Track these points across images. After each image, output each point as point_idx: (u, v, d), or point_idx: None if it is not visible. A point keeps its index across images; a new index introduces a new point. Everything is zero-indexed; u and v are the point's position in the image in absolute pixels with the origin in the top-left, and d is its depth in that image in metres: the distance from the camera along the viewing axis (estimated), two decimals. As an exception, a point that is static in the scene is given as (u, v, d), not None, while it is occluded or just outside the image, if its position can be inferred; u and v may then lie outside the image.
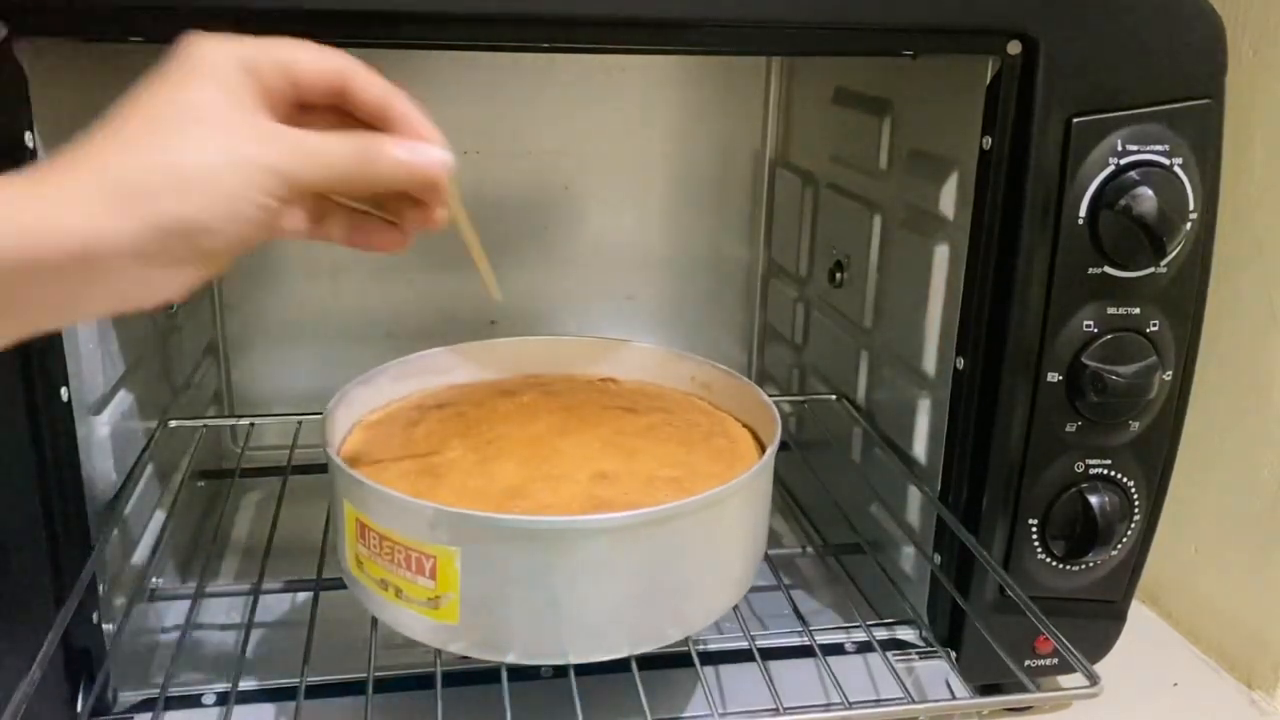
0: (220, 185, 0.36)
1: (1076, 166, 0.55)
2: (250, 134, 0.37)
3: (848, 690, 0.55)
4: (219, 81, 0.37)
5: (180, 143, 0.35)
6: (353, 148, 0.40)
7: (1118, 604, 0.64)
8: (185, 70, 0.37)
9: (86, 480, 0.54)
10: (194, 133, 0.36)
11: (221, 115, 0.36)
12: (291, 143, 0.38)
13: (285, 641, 0.63)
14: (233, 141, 0.36)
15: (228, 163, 0.36)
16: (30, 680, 0.46)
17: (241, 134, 0.37)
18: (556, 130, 0.91)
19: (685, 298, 0.98)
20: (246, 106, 0.37)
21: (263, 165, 0.36)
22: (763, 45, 0.74)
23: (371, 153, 0.40)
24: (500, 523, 0.48)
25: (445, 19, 0.50)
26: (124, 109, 0.36)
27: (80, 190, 0.34)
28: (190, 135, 0.36)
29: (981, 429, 0.60)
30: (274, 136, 0.38)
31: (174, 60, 0.37)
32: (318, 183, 0.39)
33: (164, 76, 0.37)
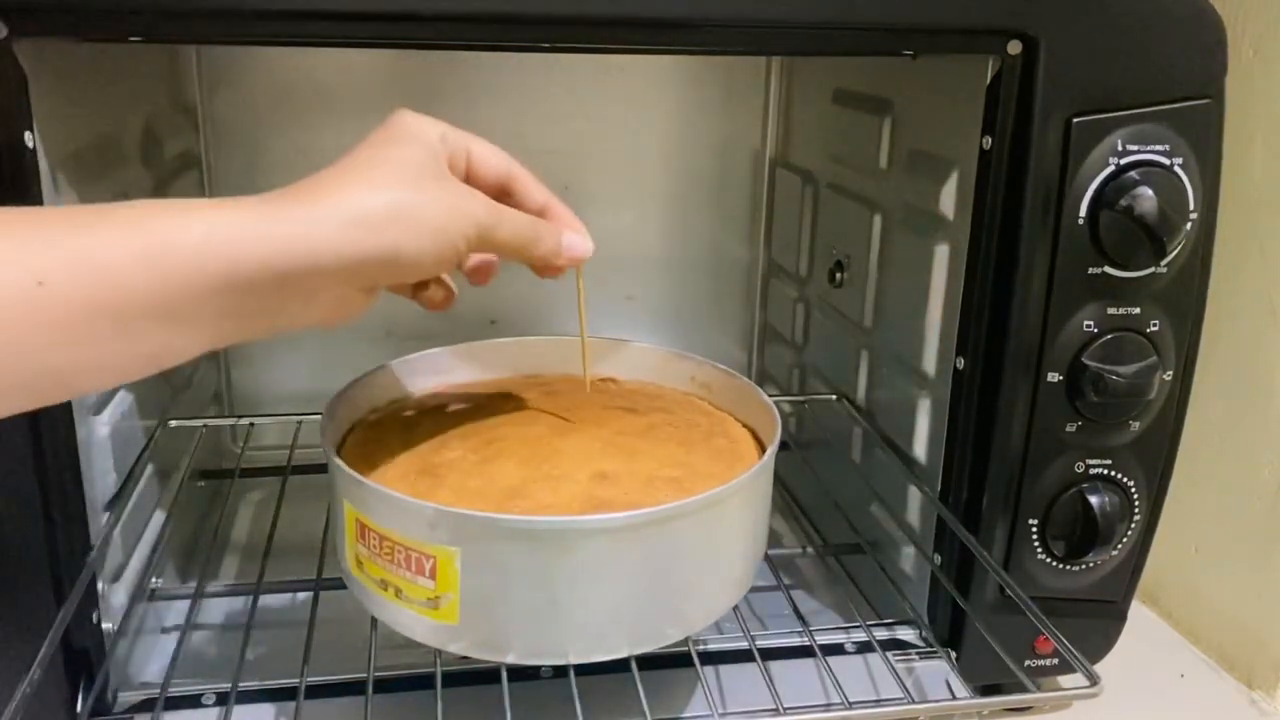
0: (438, 225, 0.43)
1: (1076, 166, 0.55)
2: (461, 190, 0.45)
3: (848, 690, 0.55)
4: (426, 146, 0.45)
5: (405, 188, 0.42)
6: (531, 223, 0.49)
7: (1118, 604, 0.64)
8: (398, 134, 0.45)
9: (86, 480, 0.54)
10: (417, 181, 0.43)
11: (434, 171, 0.44)
12: (490, 204, 0.46)
13: (285, 641, 0.63)
14: (449, 193, 0.44)
15: (446, 209, 0.43)
16: (30, 680, 0.46)
17: (454, 189, 0.45)
18: (556, 130, 0.91)
19: (685, 298, 0.98)
20: (445, 169, 0.45)
21: (471, 216, 0.44)
22: (763, 45, 0.74)
23: (544, 231, 0.49)
24: (500, 523, 0.47)
25: (445, 19, 0.50)
26: (349, 158, 0.43)
27: (321, 217, 0.40)
28: (413, 183, 0.43)
29: (981, 429, 0.60)
30: (477, 195, 0.46)
31: (387, 127, 0.45)
32: (499, 243, 0.47)
33: (381, 139, 0.44)
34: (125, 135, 0.68)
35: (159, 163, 0.74)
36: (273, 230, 0.39)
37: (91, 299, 0.36)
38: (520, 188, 0.50)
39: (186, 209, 0.39)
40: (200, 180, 0.86)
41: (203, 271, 0.38)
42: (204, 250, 0.38)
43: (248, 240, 0.39)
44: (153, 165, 0.73)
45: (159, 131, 0.75)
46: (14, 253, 0.35)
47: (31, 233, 0.36)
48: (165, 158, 0.76)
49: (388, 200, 0.42)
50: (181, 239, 0.38)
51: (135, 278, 0.37)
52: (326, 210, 0.41)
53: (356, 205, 0.41)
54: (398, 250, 0.42)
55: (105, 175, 0.61)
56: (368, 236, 0.41)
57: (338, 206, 0.41)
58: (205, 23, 0.49)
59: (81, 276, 0.36)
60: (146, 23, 0.49)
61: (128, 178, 0.67)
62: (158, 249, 0.37)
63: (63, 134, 0.53)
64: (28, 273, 0.35)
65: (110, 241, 0.37)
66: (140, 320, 0.38)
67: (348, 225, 0.41)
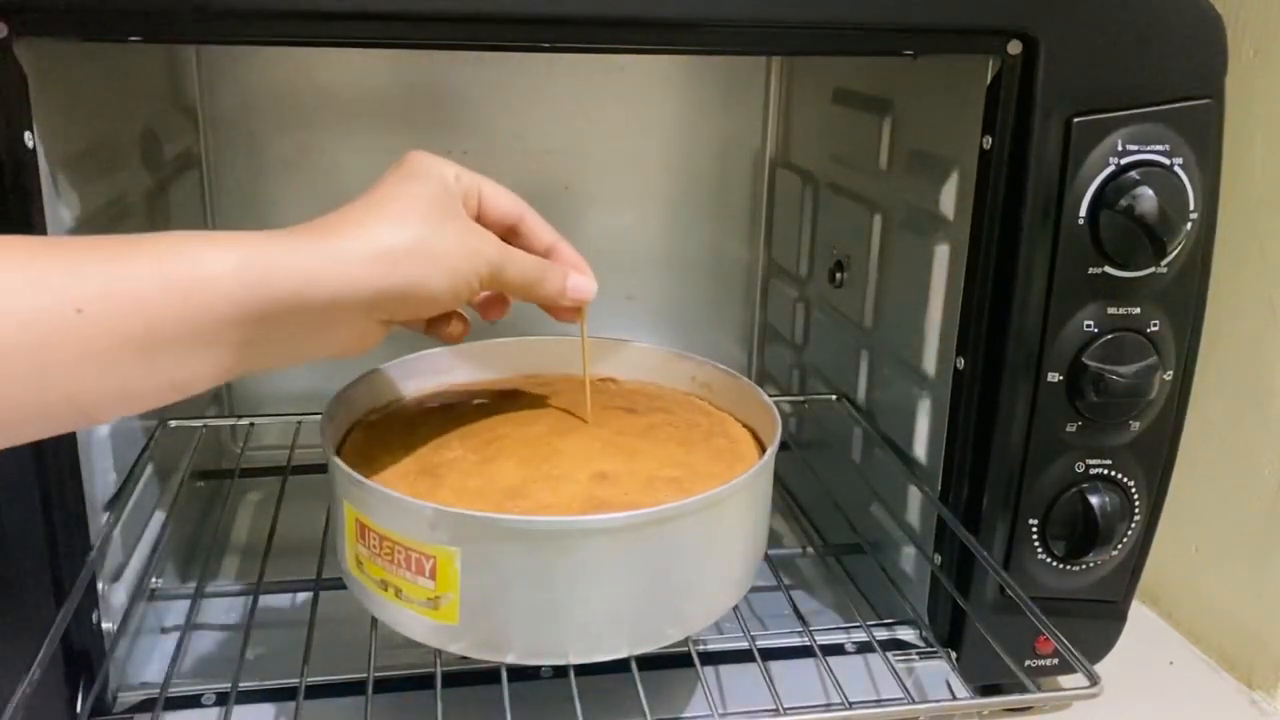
0: (453, 263, 0.45)
1: (1077, 166, 0.55)
2: (474, 229, 0.47)
3: (848, 690, 0.55)
4: (442, 184, 0.47)
5: (424, 225, 0.45)
6: (538, 264, 0.51)
7: (1118, 604, 0.64)
8: (415, 171, 0.47)
9: (86, 480, 0.54)
10: (434, 219, 0.45)
11: (449, 209, 0.46)
12: (501, 245, 0.48)
13: (285, 641, 0.63)
14: (464, 232, 0.47)
15: (461, 247, 0.46)
16: (30, 680, 0.46)
17: (468, 228, 0.47)
18: (556, 130, 0.91)
19: (685, 298, 0.98)
20: (460, 208, 0.47)
21: (485, 256, 0.47)
22: (763, 45, 0.74)
23: (551, 272, 0.52)
24: (500, 523, 0.47)
25: (446, 19, 0.50)
26: (370, 196, 0.45)
27: (345, 251, 0.42)
28: (431, 220, 0.45)
29: (981, 429, 0.60)
30: (489, 235, 0.48)
31: (403, 165, 0.47)
32: (508, 281, 0.49)
33: (398, 176, 0.47)
34: (125, 135, 0.68)
35: (159, 163, 0.74)
36: (301, 262, 0.41)
37: (125, 327, 0.38)
38: (528, 229, 0.52)
39: (217, 240, 0.40)
40: (200, 180, 0.86)
41: (232, 301, 0.39)
42: (235, 280, 0.39)
43: (277, 271, 0.40)
44: (153, 165, 0.73)
45: (159, 131, 0.75)
46: (56, 279, 0.37)
47: (71, 261, 0.37)
48: (165, 158, 0.76)
49: (408, 236, 0.44)
50: (214, 269, 0.39)
51: (168, 307, 0.38)
52: (351, 245, 0.43)
53: (379, 240, 0.43)
54: (416, 284, 0.44)
55: (105, 175, 0.61)
56: (389, 271, 0.43)
57: (362, 241, 0.43)
58: (205, 23, 0.49)
59: (117, 305, 0.37)
60: (146, 23, 0.49)
61: (128, 178, 0.67)
62: (190, 278, 0.39)
63: (63, 134, 0.53)
64: (69, 300, 0.36)
65: (146, 271, 0.38)
66: (167, 348, 0.39)
67: (371, 260, 0.43)
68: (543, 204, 0.96)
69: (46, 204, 0.50)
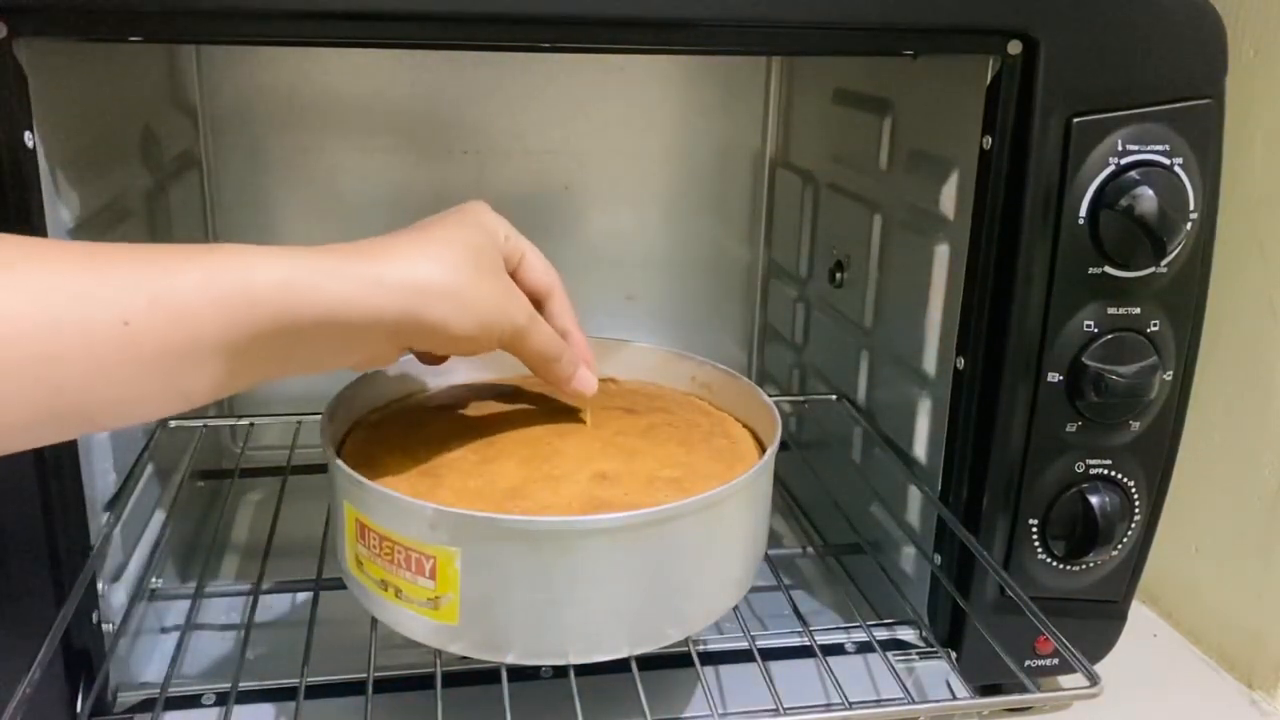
0: (483, 315, 0.47)
1: (1077, 166, 0.55)
2: (512, 291, 0.49)
3: (848, 690, 0.55)
4: (492, 239, 0.49)
5: (465, 273, 0.46)
6: (560, 345, 0.53)
7: (1118, 604, 0.64)
8: (470, 220, 0.49)
9: (86, 480, 0.54)
10: (476, 270, 0.47)
11: (492, 265, 0.48)
12: (533, 314, 0.50)
13: (285, 641, 0.63)
14: (501, 291, 0.48)
15: (495, 304, 0.48)
16: (30, 680, 0.46)
17: (506, 288, 0.49)
18: (556, 130, 0.91)
19: (685, 298, 0.98)
20: (502, 266, 0.49)
21: (513, 319, 0.49)
22: (763, 45, 0.74)
23: (567, 357, 0.54)
24: (500, 523, 0.47)
25: (446, 19, 0.50)
26: (422, 229, 0.47)
27: (386, 277, 0.43)
28: (473, 270, 0.46)
29: (982, 429, 0.60)
30: (524, 301, 0.50)
31: (462, 212, 0.49)
32: (526, 349, 0.51)
33: (454, 220, 0.48)
34: (125, 135, 0.68)
35: (159, 163, 0.74)
36: (342, 285, 0.42)
37: (167, 339, 0.38)
38: (554, 306, 0.54)
39: (260, 254, 0.41)
40: (200, 180, 0.86)
41: (272, 317, 0.40)
42: (279, 296, 0.40)
43: (318, 290, 0.41)
44: (153, 165, 0.73)
45: (159, 131, 0.75)
46: (105, 291, 0.37)
47: (119, 273, 0.38)
48: (165, 158, 0.76)
49: (448, 279, 0.45)
50: (262, 284, 0.40)
51: (210, 320, 0.39)
52: (392, 272, 0.44)
53: (420, 274, 0.44)
54: (443, 323, 0.45)
55: (105, 175, 0.61)
56: (423, 305, 0.44)
57: (404, 271, 0.44)
58: (205, 23, 0.49)
59: (162, 317, 0.38)
60: (146, 23, 0.49)
61: (128, 178, 0.67)
62: (238, 293, 0.40)
63: (63, 134, 0.53)
64: (119, 312, 0.37)
65: (192, 284, 0.39)
66: (201, 358, 0.40)
67: (408, 290, 0.44)
68: (543, 204, 0.97)
69: (46, 204, 0.50)
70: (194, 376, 0.40)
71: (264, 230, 0.88)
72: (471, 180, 0.90)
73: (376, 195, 0.89)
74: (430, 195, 0.90)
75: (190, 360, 0.39)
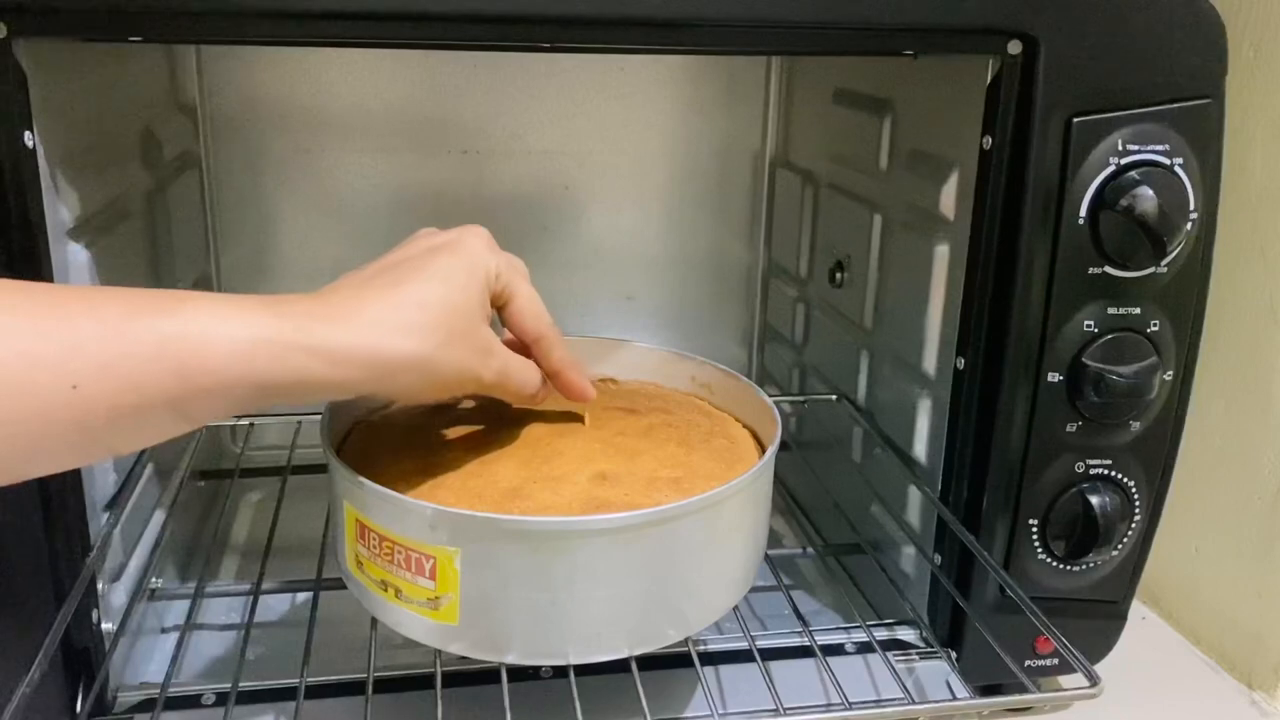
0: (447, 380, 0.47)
1: (1077, 166, 0.55)
2: (479, 347, 0.48)
3: (848, 691, 0.55)
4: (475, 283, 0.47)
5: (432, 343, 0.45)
6: (526, 381, 0.52)
7: (1118, 604, 0.64)
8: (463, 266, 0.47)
9: (86, 480, 0.54)
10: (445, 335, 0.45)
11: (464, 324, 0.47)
12: (501, 366, 0.49)
13: (285, 641, 0.63)
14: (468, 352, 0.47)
15: (458, 370, 0.46)
16: (30, 680, 0.46)
17: (474, 346, 0.47)
18: (556, 130, 0.91)
19: (685, 298, 0.98)
20: (479, 317, 0.48)
21: (475, 378, 0.48)
22: (763, 45, 0.74)
23: (533, 387, 0.53)
24: (500, 523, 0.47)
25: (446, 18, 0.50)
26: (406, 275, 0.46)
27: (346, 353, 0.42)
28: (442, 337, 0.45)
29: (982, 429, 0.60)
30: (493, 355, 0.49)
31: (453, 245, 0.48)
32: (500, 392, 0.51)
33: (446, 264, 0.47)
34: (125, 135, 0.68)
35: (159, 163, 0.74)
36: (301, 360, 0.41)
37: (119, 402, 0.38)
38: (540, 350, 0.53)
39: (218, 319, 0.40)
40: (200, 180, 0.86)
41: (227, 384, 0.40)
42: (234, 367, 0.40)
43: (277, 362, 0.41)
44: (153, 165, 0.73)
45: (159, 131, 0.75)
46: (52, 351, 0.37)
47: (70, 332, 0.37)
48: (165, 158, 0.76)
49: (416, 352, 0.44)
50: (216, 353, 0.39)
51: (164, 387, 0.39)
52: (359, 344, 0.43)
53: (386, 349, 0.43)
54: (406, 393, 0.47)
55: (105, 175, 0.61)
56: (386, 378, 0.44)
57: (370, 343, 0.43)
58: (205, 23, 0.49)
59: (113, 383, 0.38)
60: (146, 23, 0.49)
61: (127, 178, 0.67)
62: (191, 361, 0.39)
63: (63, 134, 0.53)
64: (66, 376, 0.37)
65: (146, 350, 0.38)
66: (155, 416, 0.39)
67: (373, 367, 0.43)
68: (543, 204, 0.97)
69: (46, 204, 0.50)
70: (148, 430, 0.40)
71: (264, 230, 0.88)
72: (471, 180, 0.90)
73: (376, 195, 0.89)
74: (430, 195, 0.90)
75: (140, 418, 0.39)
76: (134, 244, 0.67)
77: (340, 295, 0.45)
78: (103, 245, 0.58)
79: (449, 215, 0.90)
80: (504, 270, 0.49)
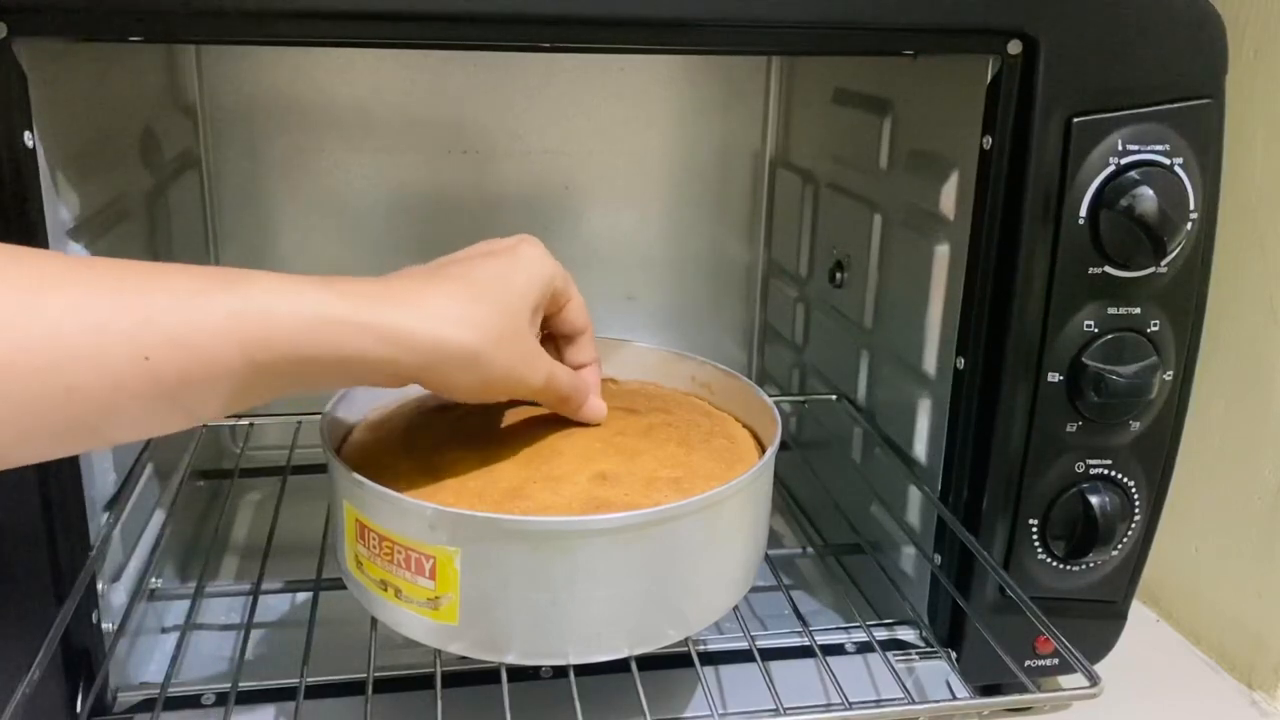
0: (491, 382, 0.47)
1: (1076, 166, 0.55)
2: (529, 354, 0.49)
3: (848, 691, 0.55)
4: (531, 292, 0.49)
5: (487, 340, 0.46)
6: (567, 393, 0.54)
7: (1118, 604, 0.64)
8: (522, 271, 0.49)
9: (86, 480, 0.54)
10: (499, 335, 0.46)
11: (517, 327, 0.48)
12: (548, 376, 0.51)
13: (285, 641, 0.63)
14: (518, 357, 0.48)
15: (507, 372, 0.47)
16: (30, 680, 0.46)
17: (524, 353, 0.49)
18: (556, 130, 0.91)
19: (685, 298, 0.98)
20: (529, 324, 0.49)
21: (524, 384, 0.49)
22: (763, 45, 0.74)
23: (574, 399, 0.55)
24: (500, 523, 0.47)
25: (445, 18, 0.50)
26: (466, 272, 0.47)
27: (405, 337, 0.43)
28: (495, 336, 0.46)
29: (982, 429, 0.60)
30: (540, 364, 0.50)
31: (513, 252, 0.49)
32: (535, 398, 0.53)
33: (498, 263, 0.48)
34: (125, 135, 0.68)
35: (159, 163, 0.74)
36: (363, 340, 0.42)
37: (186, 373, 0.39)
38: (580, 343, 0.56)
39: (284, 294, 0.41)
40: (200, 180, 0.86)
41: (290, 358, 0.41)
42: (299, 342, 0.41)
43: (339, 340, 0.42)
44: (153, 165, 0.73)
45: (159, 131, 0.75)
46: (125, 324, 0.37)
47: (141, 305, 0.38)
48: (165, 158, 0.76)
49: (472, 347, 0.45)
50: (282, 329, 0.40)
51: (230, 358, 0.39)
52: (419, 330, 0.43)
53: (446, 339, 0.44)
54: (454, 387, 0.47)
55: (105, 175, 0.61)
56: (439, 367, 0.45)
57: (429, 331, 0.44)
58: (205, 23, 0.49)
59: (182, 355, 0.38)
60: (146, 23, 0.49)
61: (127, 178, 0.67)
62: (258, 336, 0.40)
63: (63, 134, 0.53)
64: (138, 348, 0.37)
65: (214, 324, 0.39)
66: (214, 388, 0.40)
67: (429, 354, 0.44)
68: (543, 204, 0.97)
69: (46, 204, 0.50)
70: (207, 403, 0.41)
71: (264, 230, 0.88)
72: (472, 180, 0.90)
73: (376, 195, 0.89)
74: (430, 195, 0.90)
75: (206, 389, 0.40)
76: (134, 244, 0.67)
77: (402, 283, 0.45)
78: (103, 245, 0.58)
79: (449, 216, 0.90)
80: (558, 272, 0.52)
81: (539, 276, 0.50)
